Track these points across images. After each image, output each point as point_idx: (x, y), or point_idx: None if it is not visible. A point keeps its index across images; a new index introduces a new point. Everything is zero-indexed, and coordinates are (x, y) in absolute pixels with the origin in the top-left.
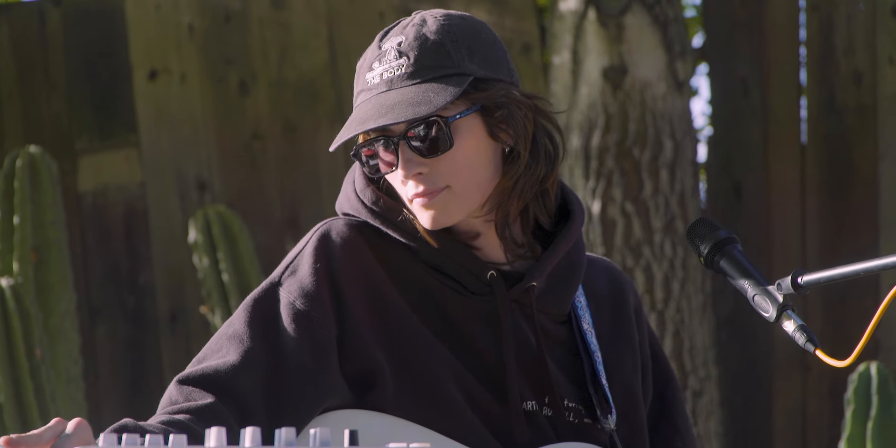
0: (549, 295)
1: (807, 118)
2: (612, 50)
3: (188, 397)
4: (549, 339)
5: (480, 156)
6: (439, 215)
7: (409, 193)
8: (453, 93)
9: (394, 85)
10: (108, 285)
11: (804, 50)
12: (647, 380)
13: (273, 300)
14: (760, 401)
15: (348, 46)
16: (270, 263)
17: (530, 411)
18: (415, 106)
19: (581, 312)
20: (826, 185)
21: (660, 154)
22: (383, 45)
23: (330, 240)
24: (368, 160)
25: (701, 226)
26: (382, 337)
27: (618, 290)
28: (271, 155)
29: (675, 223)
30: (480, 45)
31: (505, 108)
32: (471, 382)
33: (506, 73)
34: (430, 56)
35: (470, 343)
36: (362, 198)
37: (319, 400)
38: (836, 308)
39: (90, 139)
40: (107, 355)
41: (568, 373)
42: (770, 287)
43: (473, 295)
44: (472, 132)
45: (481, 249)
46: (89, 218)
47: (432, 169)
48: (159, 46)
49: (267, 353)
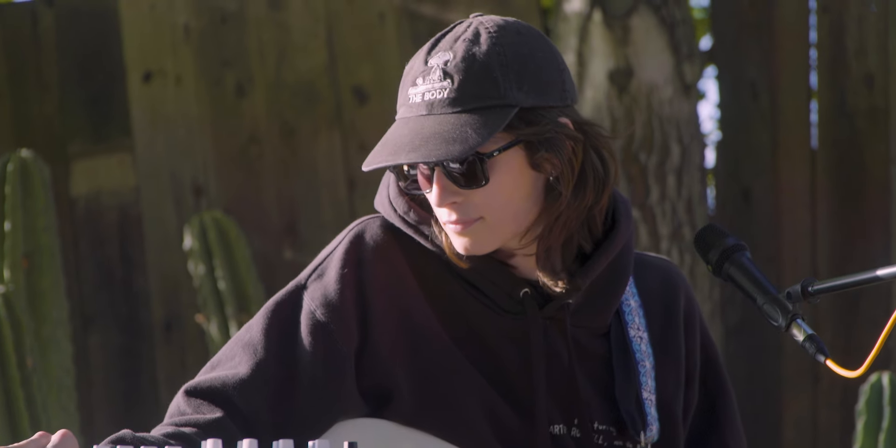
0: (588, 309)
1: (817, 122)
2: (617, 52)
3: (197, 410)
4: (586, 355)
5: (519, 189)
6: (471, 245)
7: (442, 218)
8: (492, 130)
9: (434, 109)
10: (101, 293)
11: (814, 52)
12: (691, 388)
13: (295, 305)
14: (769, 412)
15: (347, 48)
16: (267, 271)
17: (557, 435)
18: (449, 143)
19: (630, 317)
20: (837, 191)
21: (666, 159)
22: (430, 61)
23: (363, 243)
24: (409, 170)
25: (709, 233)
26: (405, 351)
27: (670, 293)
28: (269, 159)
29: (682, 230)
30: (533, 67)
31: (550, 143)
32: (497, 404)
33: (557, 97)
34: (475, 82)
35: (498, 363)
36: (395, 205)
37: (330, 416)
38: (848, 317)
39: (83, 143)
40: (100, 364)
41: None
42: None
43: (506, 312)
44: (510, 165)
45: (517, 268)
46: (82, 224)
47: (466, 199)
48: (154, 48)
49: (280, 367)
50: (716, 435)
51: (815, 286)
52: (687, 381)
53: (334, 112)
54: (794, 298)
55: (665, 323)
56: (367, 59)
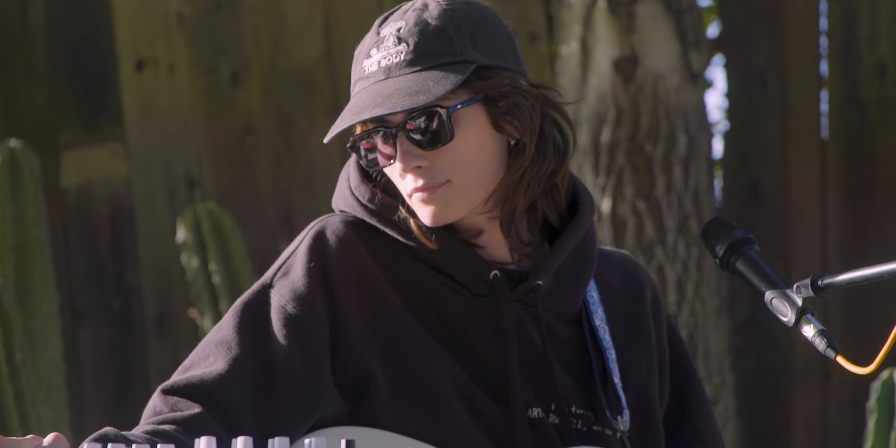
0: (557, 294)
1: (828, 112)
2: (623, 40)
3: (174, 407)
4: (556, 341)
5: (483, 148)
6: (440, 211)
7: (407, 188)
8: (455, 81)
9: (392, 73)
10: (92, 287)
11: (825, 40)
12: (663, 377)
13: (264, 303)
14: (778, 410)
15: (345, 36)
16: (263, 264)
17: (535, 419)
18: (413, 95)
19: (593, 307)
20: (848, 183)
21: (673, 150)
22: (382, 31)
23: (325, 238)
24: (367, 153)
25: (716, 225)
26: (378, 342)
27: (634, 284)
28: (264, 150)
29: (688, 222)
30: (485, 31)
31: (510, 99)
32: (472, 390)
33: (512, 62)
34: (430, 43)
35: (472, 348)
36: (357, 195)
37: (311, 410)
38: (859, 312)
39: (74, 133)
40: (91, 360)
41: (577, 375)
42: (788, 290)
43: (475, 296)
44: (474, 123)
45: (484, 248)
46: (73, 216)
47: (432, 162)
48: (146, 35)
49: (256, 361)
50: (687, 421)
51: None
52: (660, 368)
53: (332, 102)
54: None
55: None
56: None
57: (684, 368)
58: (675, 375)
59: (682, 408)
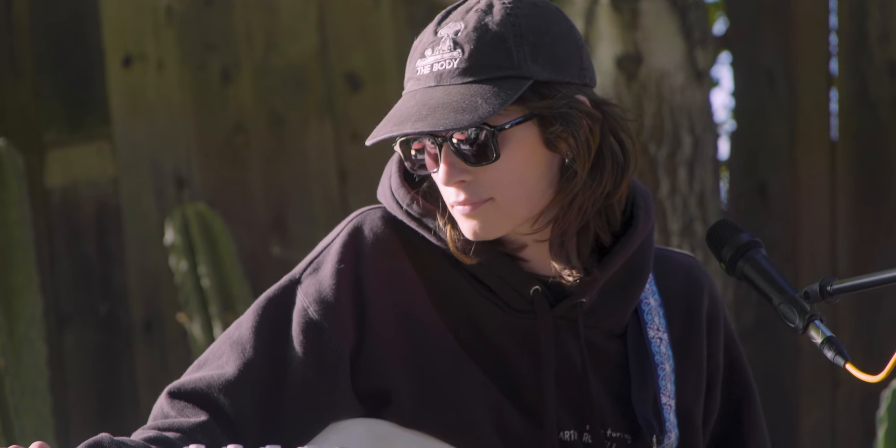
0: (603, 308)
1: (838, 112)
2: (626, 37)
3: (181, 412)
4: (600, 358)
5: (532, 168)
6: (480, 228)
7: (449, 199)
8: (504, 100)
9: (443, 80)
10: (77, 290)
11: (835, 38)
12: (711, 397)
13: (288, 301)
14: (786, 419)
15: (340, 32)
16: (254, 267)
17: (568, 442)
18: (458, 112)
19: (649, 317)
20: (858, 185)
21: (678, 150)
22: (440, 31)
23: (362, 235)
24: (416, 154)
25: (722, 228)
26: (406, 351)
27: (693, 292)
28: (256, 149)
29: (693, 225)
30: (549, 40)
31: (565, 119)
32: (504, 407)
33: (575, 74)
34: (487, 52)
35: (506, 364)
36: (397, 196)
37: (321, 421)
38: (869, 318)
39: (59, 131)
40: (76, 366)
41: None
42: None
43: (514, 311)
44: (524, 142)
45: (530, 261)
46: (58, 216)
47: (476, 177)
48: (134, 31)
49: (269, 367)
50: (740, 441)
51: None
52: (709, 386)
53: (325, 100)
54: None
55: (686, 324)
56: (360, 43)
57: (742, 386)
58: (732, 393)
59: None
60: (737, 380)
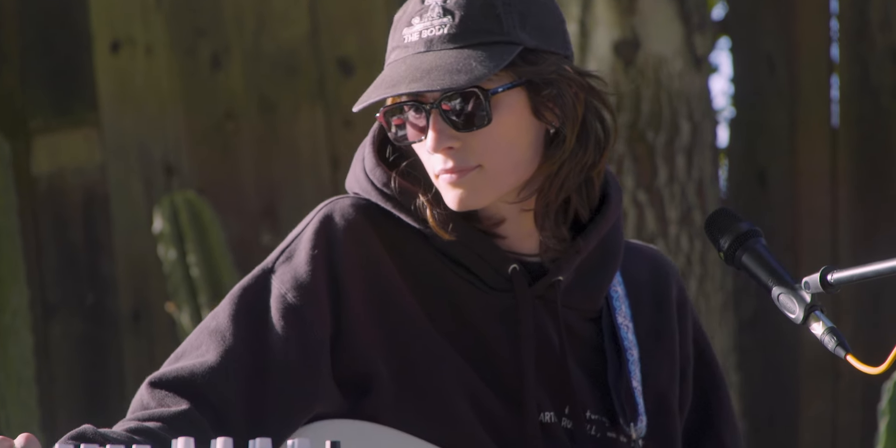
0: (579, 289)
1: (839, 99)
2: (623, 22)
3: (161, 402)
4: (575, 340)
5: (521, 135)
6: (467, 196)
7: (436, 168)
8: (498, 63)
9: (433, 46)
10: (64, 279)
11: (836, 23)
12: (685, 384)
13: (264, 290)
14: (786, 411)
15: (332, 16)
16: (244, 256)
17: (547, 423)
18: (453, 74)
19: (617, 304)
20: (859, 173)
21: (676, 137)
22: (427, 0)
23: (333, 222)
24: (397, 128)
25: (721, 217)
26: (384, 336)
27: (661, 281)
28: (246, 136)
29: (692, 214)
30: (536, 10)
31: (554, 85)
32: (482, 390)
33: (560, 45)
34: (477, 18)
35: (484, 345)
36: (372, 178)
37: (306, 407)
38: (870, 309)
39: (46, 117)
40: (63, 356)
41: (595, 377)
42: (797, 285)
43: (492, 290)
44: (513, 108)
45: (507, 238)
46: (44, 204)
47: (465, 144)
48: (123, 15)
49: (250, 354)
50: (712, 432)
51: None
52: (681, 375)
53: (317, 85)
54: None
55: (657, 311)
56: (352, 28)
57: (711, 376)
58: (701, 383)
59: (707, 420)
60: (707, 371)
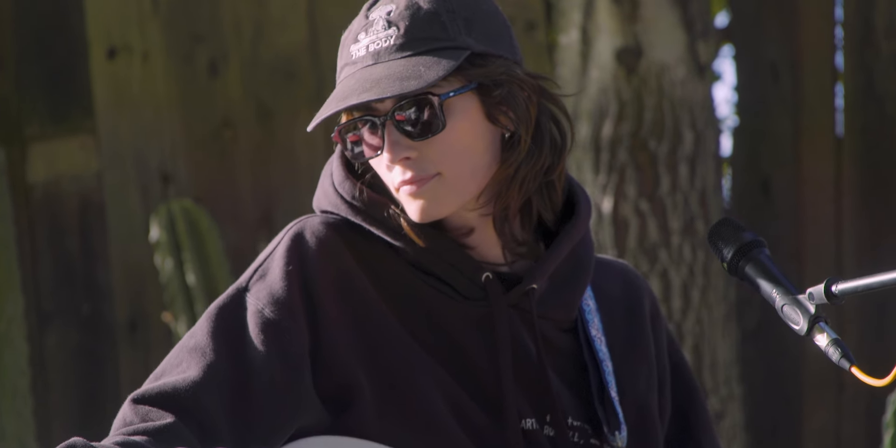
0: (553, 299)
1: (843, 107)
2: (625, 29)
3: (145, 417)
4: (552, 349)
5: (476, 140)
6: (429, 206)
7: (395, 180)
8: (447, 67)
9: (381, 58)
10: (60, 288)
11: (841, 31)
12: (664, 393)
13: (240, 308)
14: (789, 423)
15: (331, 22)
16: (241, 265)
17: (529, 431)
18: (403, 80)
19: (589, 317)
20: (864, 182)
21: (678, 146)
22: (371, 15)
23: (304, 240)
24: (353, 145)
25: (724, 227)
26: (362, 349)
27: (633, 294)
28: (244, 144)
29: (695, 224)
30: (480, 16)
31: (505, 88)
32: (462, 399)
33: (507, 50)
34: (422, 27)
35: (462, 355)
36: (341, 191)
37: (290, 419)
38: (875, 320)
39: (41, 124)
40: (58, 366)
41: (573, 387)
42: (801, 296)
43: (466, 299)
44: (467, 113)
45: (476, 248)
46: (40, 212)
47: (421, 153)
48: (119, 21)
49: (232, 368)
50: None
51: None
52: (660, 385)
53: (316, 92)
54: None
55: (630, 323)
56: None
57: (687, 388)
58: (678, 395)
59: (686, 431)
60: (682, 383)
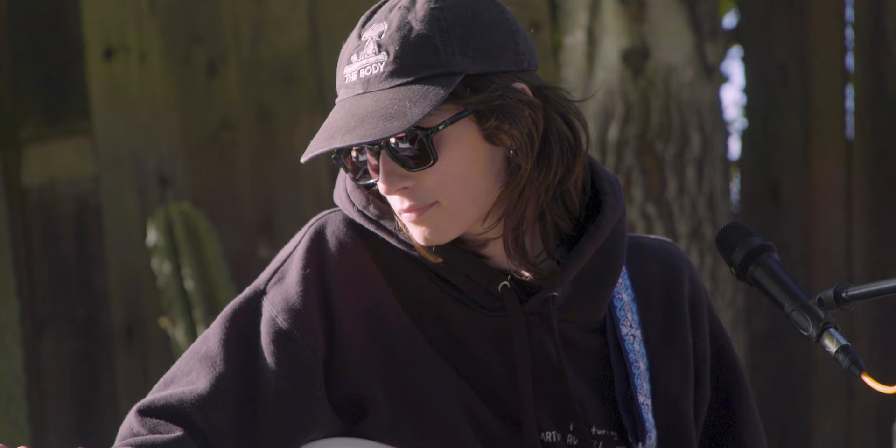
0: (577, 301)
1: (854, 110)
2: (632, 30)
3: (153, 430)
4: (577, 353)
5: (475, 165)
6: (430, 233)
7: (395, 207)
8: (434, 101)
9: (370, 86)
10: (55, 293)
11: (851, 32)
12: (701, 386)
13: (255, 313)
14: (798, 430)
15: (331, 22)
16: (240, 270)
17: (551, 443)
18: (386, 120)
19: (621, 313)
20: (874, 185)
21: (686, 149)
22: (364, 34)
23: (324, 240)
24: (353, 169)
25: (732, 231)
26: (378, 356)
27: (672, 280)
28: (243, 146)
29: (702, 228)
30: (477, 31)
31: (504, 109)
32: (481, 411)
33: (510, 61)
34: (413, 52)
35: (480, 365)
36: (353, 200)
37: (299, 434)
38: (886, 326)
39: (37, 126)
40: (54, 372)
41: (601, 389)
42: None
43: (483, 309)
44: (462, 141)
45: (491, 258)
46: (35, 216)
47: (418, 182)
48: (116, 21)
49: (241, 381)
50: (733, 432)
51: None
52: (698, 376)
53: (316, 94)
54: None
55: (667, 312)
56: None
57: (731, 373)
58: (721, 381)
59: (727, 418)
60: (725, 368)
